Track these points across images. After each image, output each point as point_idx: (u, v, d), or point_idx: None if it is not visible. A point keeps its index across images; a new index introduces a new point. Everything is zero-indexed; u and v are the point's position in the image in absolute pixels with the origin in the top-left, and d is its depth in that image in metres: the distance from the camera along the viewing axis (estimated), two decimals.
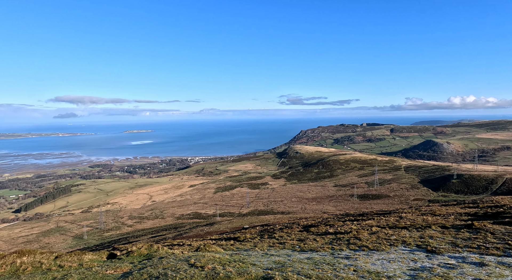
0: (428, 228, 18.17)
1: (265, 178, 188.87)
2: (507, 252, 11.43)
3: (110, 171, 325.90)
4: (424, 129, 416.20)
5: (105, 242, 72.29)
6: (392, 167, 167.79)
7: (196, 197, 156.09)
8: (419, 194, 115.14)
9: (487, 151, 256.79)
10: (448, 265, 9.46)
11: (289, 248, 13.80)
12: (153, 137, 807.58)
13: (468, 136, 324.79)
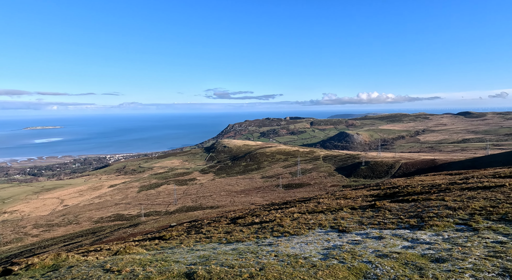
0: (340, 210, 20.33)
1: (193, 174, 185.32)
2: (399, 225, 13.55)
3: (6, 174, 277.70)
4: (338, 122, 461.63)
5: (1, 257, 61.65)
6: (312, 157, 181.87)
7: (117, 198, 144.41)
8: (335, 180, 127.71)
9: (387, 140, 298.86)
10: (355, 241, 10.77)
11: (215, 242, 13.87)
12: (63, 134, 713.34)
13: (373, 128, 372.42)
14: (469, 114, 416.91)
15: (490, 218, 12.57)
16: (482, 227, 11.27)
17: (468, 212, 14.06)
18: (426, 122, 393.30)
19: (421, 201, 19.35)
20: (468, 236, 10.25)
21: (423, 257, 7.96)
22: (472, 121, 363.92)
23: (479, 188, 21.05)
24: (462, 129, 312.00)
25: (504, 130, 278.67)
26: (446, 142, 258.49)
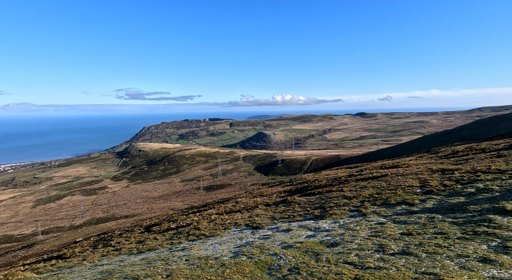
0: (256, 208, 21.20)
1: (103, 182, 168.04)
2: (306, 216, 14.87)
3: None
4: (256, 123, 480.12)
5: None
6: (233, 158, 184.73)
7: (4, 216, 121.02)
8: (255, 179, 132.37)
9: (300, 139, 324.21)
10: (266, 236, 11.38)
11: (125, 253, 12.89)
12: None
13: (288, 128, 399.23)
14: (364, 115, 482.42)
15: (375, 204, 14.82)
16: (369, 212, 13.21)
17: (360, 200, 16.30)
18: (331, 122, 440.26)
19: (325, 193, 21.60)
20: (358, 221, 11.88)
21: (321, 243, 8.92)
22: (367, 121, 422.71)
23: (370, 178, 24.60)
24: (359, 128, 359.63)
25: (390, 128, 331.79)
26: (348, 139, 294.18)
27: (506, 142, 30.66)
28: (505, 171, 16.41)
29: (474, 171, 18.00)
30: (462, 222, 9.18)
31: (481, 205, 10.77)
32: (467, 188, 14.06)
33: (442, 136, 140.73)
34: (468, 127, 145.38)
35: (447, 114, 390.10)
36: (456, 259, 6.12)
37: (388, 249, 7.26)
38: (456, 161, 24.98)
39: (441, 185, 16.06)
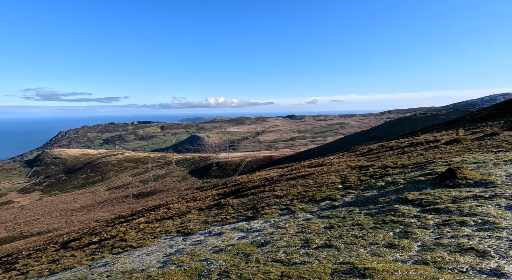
0: (189, 213, 20.60)
1: (7, 195, 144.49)
2: (239, 218, 14.99)
3: None
4: (189, 126, 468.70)
5: None
6: (165, 162, 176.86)
7: None
8: (189, 183, 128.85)
9: (234, 141, 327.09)
10: (197, 241, 11.11)
11: (33, 277, 11.23)
12: None
13: (222, 130, 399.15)
14: (294, 117, 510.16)
15: (303, 201, 15.71)
16: (297, 209, 13.94)
17: (290, 198, 17.10)
18: (264, 124, 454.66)
19: (258, 193, 22.13)
20: (287, 218, 12.43)
21: (252, 244, 9.06)
22: (296, 122, 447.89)
23: (298, 177, 26.05)
24: (290, 129, 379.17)
25: (317, 129, 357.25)
26: (279, 140, 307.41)
27: (408, 141, 35.59)
28: (407, 165, 18.97)
29: (384, 167, 20.41)
30: (374, 213, 10.30)
31: (389, 196, 12.26)
32: (379, 182, 15.84)
33: (360, 136, 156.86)
34: (380, 128, 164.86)
35: (363, 116, 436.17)
36: (368, 247, 6.81)
37: (312, 244, 7.73)
38: (371, 158, 28.03)
39: (359, 180, 17.83)
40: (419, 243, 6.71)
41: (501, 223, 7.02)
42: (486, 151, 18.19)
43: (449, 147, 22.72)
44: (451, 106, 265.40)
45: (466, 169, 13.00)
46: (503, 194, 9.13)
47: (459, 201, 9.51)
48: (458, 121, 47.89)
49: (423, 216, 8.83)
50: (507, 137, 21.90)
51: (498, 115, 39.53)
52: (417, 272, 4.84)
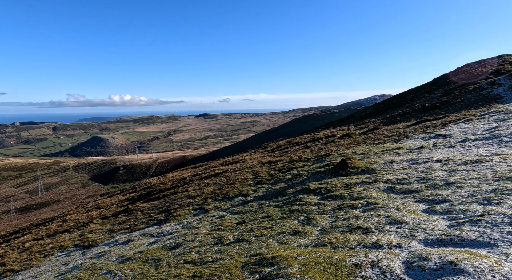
0: (90, 223, 18.37)
1: None
2: (149, 223, 14.10)
3: None
4: (90, 126, 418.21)
5: None
6: (59, 168, 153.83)
7: None
8: (91, 191, 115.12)
9: (144, 142, 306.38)
10: (100, 253, 9.99)
11: None
12: None
13: (129, 130, 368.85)
14: (207, 116, 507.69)
15: (217, 199, 15.76)
16: (211, 208, 13.91)
17: (203, 197, 16.94)
18: (176, 123, 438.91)
19: (170, 195, 21.23)
20: (201, 218, 12.27)
21: (163, 248, 8.62)
22: (209, 121, 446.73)
23: (212, 175, 26.03)
24: (203, 128, 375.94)
25: (230, 127, 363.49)
26: (193, 140, 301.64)
27: (311, 136, 39.37)
28: (310, 158, 20.93)
29: (291, 161, 22.08)
30: (282, 204, 11.03)
31: (295, 188, 13.31)
32: (286, 175, 17.04)
33: (270, 133, 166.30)
34: (287, 125, 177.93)
35: (273, 115, 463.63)
36: (276, 237, 7.24)
37: (225, 240, 7.80)
38: (280, 154, 29.98)
39: (269, 175, 18.85)
40: (319, 227, 7.47)
41: (380, 203, 8.37)
42: (370, 143, 21.45)
43: (342, 141, 26.00)
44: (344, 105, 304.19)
45: (355, 159, 15.09)
46: (382, 179, 10.92)
47: (350, 187, 10.97)
48: (349, 118, 55.28)
49: (322, 203, 9.87)
50: (385, 131, 26.29)
51: (378, 112, 47.16)
52: (317, 254, 5.36)
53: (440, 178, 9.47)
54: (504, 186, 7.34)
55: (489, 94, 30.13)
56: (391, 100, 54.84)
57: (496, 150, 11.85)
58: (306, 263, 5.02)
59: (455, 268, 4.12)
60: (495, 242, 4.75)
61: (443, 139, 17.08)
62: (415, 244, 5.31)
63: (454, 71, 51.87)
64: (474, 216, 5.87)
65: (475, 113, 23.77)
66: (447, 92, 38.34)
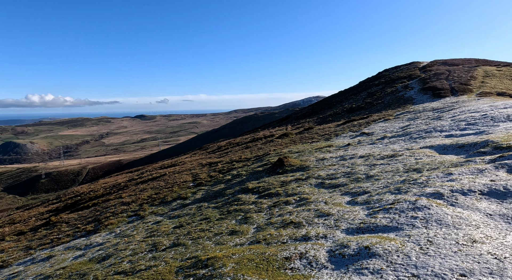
0: (1, 241, 16.03)
1: None
2: (76, 235, 12.86)
3: None
4: (2, 130, 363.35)
5: None
6: None
7: None
8: (4, 204, 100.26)
9: (71, 147, 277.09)
10: (12, 275, 8.80)
11: None
12: None
13: (52, 134, 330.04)
14: (144, 117, 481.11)
15: (154, 204, 15.09)
16: (147, 213, 13.27)
17: (139, 203, 16.06)
18: (109, 126, 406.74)
19: (102, 203, 19.64)
20: (135, 225, 11.63)
21: (91, 261, 7.97)
22: (147, 123, 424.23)
23: (150, 179, 24.82)
24: (140, 130, 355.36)
25: (169, 129, 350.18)
26: (129, 143, 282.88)
27: (251, 137, 40.12)
28: (250, 158, 21.33)
29: (231, 161, 22.21)
30: (221, 205, 11.06)
31: (234, 188, 13.46)
32: (226, 176, 17.11)
33: (212, 134, 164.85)
34: (229, 126, 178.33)
35: (214, 116, 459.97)
36: (213, 238, 7.25)
37: (160, 246, 7.54)
38: (220, 155, 29.93)
39: (209, 176, 18.69)
40: (255, 225, 7.68)
41: (311, 198, 8.95)
42: (305, 142, 22.72)
43: (280, 140, 27.05)
44: (282, 106, 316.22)
45: (291, 158, 15.85)
46: (313, 175, 11.68)
47: (286, 184, 11.50)
48: (287, 119, 57.74)
49: (259, 201, 10.16)
50: (318, 130, 28.11)
51: (312, 113, 50.17)
52: (251, 251, 5.53)
53: (362, 172, 10.50)
54: (411, 177, 8.47)
55: (404, 96, 34.30)
56: (324, 101, 58.80)
57: (407, 145, 13.58)
58: (240, 261, 5.13)
59: (369, 252, 4.64)
60: (401, 226, 5.47)
61: (366, 136, 18.93)
62: (338, 234, 5.82)
63: (376, 75, 57.82)
64: (387, 204, 6.67)
65: (393, 113, 26.86)
66: (370, 94, 42.55)
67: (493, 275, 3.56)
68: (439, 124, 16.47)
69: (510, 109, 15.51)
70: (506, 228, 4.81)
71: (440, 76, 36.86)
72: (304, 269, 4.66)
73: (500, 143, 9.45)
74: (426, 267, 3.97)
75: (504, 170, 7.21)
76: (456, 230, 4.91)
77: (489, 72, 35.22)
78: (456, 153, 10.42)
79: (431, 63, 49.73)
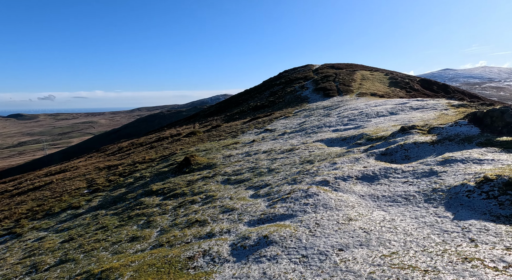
0: None
1: None
2: None
3: None
4: None
5: None
6: None
7: None
8: None
9: None
10: None
11: None
12: None
13: None
14: (21, 116, 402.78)
15: (36, 218, 12.84)
16: (26, 230, 11.21)
17: (15, 218, 13.42)
18: None
19: None
20: (9, 245, 9.68)
21: None
22: (26, 124, 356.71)
23: (30, 190, 21.00)
24: (17, 132, 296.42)
25: (57, 130, 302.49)
26: (1, 147, 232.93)
27: (156, 136, 38.05)
28: (155, 159, 20.24)
29: (134, 163, 20.63)
30: (121, 211, 10.18)
31: (137, 191, 12.56)
32: (128, 179, 15.81)
33: (112, 134, 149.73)
34: (131, 125, 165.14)
35: (113, 114, 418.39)
36: (111, 247, 6.62)
37: (42, 266, 6.49)
38: (121, 157, 27.46)
39: (107, 181, 16.94)
40: (158, 229, 7.34)
41: (217, 195, 9.06)
42: (213, 140, 22.81)
43: (188, 139, 26.47)
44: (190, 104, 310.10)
45: (198, 156, 15.69)
46: (220, 172, 11.84)
47: (192, 183, 11.33)
48: (195, 117, 56.89)
49: (164, 203, 9.74)
50: (226, 128, 28.58)
51: (220, 111, 50.72)
52: (152, 256, 5.26)
53: (265, 166, 11.17)
54: (305, 168, 9.44)
55: (301, 95, 37.85)
56: (231, 99, 60.07)
57: (303, 140, 15.06)
58: (139, 268, 4.83)
59: (267, 240, 4.99)
60: (295, 213, 6.05)
61: (269, 133, 20.20)
62: (241, 227, 6.06)
63: (277, 76, 62.12)
64: (284, 194, 7.27)
65: (292, 111, 29.36)
66: (273, 93, 45.50)
67: (362, 246, 4.27)
68: (328, 120, 18.80)
69: (379, 107, 18.82)
70: (373, 206, 5.84)
71: (329, 78, 42.05)
72: (207, 266, 4.69)
73: (371, 136, 11.37)
74: (314, 247, 4.49)
75: (373, 158, 8.71)
76: (337, 212, 5.71)
77: (365, 76, 41.93)
78: (340, 145, 12.07)
79: (322, 66, 56.25)
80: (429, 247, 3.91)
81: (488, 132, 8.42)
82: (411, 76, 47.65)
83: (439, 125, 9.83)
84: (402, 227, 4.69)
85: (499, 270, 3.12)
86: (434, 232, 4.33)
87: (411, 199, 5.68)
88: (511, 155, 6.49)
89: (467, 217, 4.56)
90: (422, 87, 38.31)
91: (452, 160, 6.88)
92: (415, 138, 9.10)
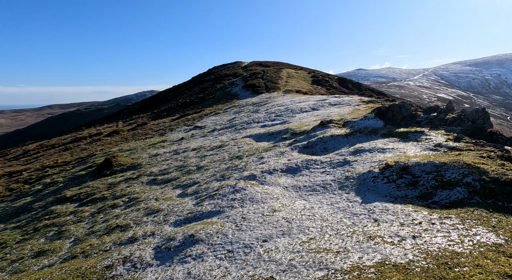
0: None
1: None
2: None
3: None
4: None
5: None
6: None
7: None
8: None
9: None
10: None
11: None
12: None
13: None
14: None
15: None
16: None
17: None
18: None
19: None
20: None
21: None
22: None
23: None
24: None
25: None
26: None
27: (72, 136, 34.07)
28: (70, 162, 18.11)
29: (43, 168, 18.13)
30: (25, 223, 8.85)
31: (46, 199, 11.05)
32: (35, 186, 13.84)
33: (15, 136, 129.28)
34: (41, 125, 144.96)
35: (16, 112, 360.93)
36: (9, 267, 5.70)
37: None
38: (27, 161, 23.89)
39: (7, 190, 14.55)
40: (72, 239, 6.58)
41: (141, 197, 8.52)
42: (138, 139, 21.39)
43: (110, 139, 24.32)
44: (113, 100, 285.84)
45: (121, 157, 14.54)
46: (145, 173, 11.17)
47: (114, 186, 10.45)
48: (118, 114, 52.58)
49: (80, 210, 8.78)
50: (153, 126, 27.09)
51: (147, 108, 47.82)
52: (62, 270, 4.68)
53: (194, 164, 10.92)
54: (234, 163, 9.52)
55: (231, 92, 38.03)
56: (159, 96, 57.12)
57: (233, 136, 15.16)
58: None
59: (193, 239, 4.88)
60: (223, 209, 6.06)
61: (199, 130, 19.82)
62: (166, 228, 5.81)
63: (207, 72, 61.26)
64: (213, 191, 7.21)
65: (222, 107, 29.30)
66: (202, 89, 44.72)
67: (284, 235, 4.49)
68: (257, 117, 19.29)
69: (303, 103, 20.06)
70: (295, 196, 6.19)
71: (258, 76, 43.15)
72: (127, 273, 4.37)
73: (295, 130, 12.04)
74: (239, 241, 4.55)
75: (296, 151, 9.24)
76: (263, 204, 5.89)
77: (290, 74, 44.20)
78: (267, 140, 12.50)
79: (251, 63, 57.38)
80: (341, 230, 4.30)
81: (390, 124, 9.66)
82: (331, 75, 51.87)
83: (352, 119, 10.91)
84: (319, 213, 5.07)
85: (395, 244, 3.59)
86: (346, 216, 4.79)
87: (328, 187, 6.19)
88: (407, 143, 7.56)
89: (373, 200, 5.15)
90: (340, 85, 42.09)
91: (361, 150, 7.70)
92: (332, 132, 9.93)
